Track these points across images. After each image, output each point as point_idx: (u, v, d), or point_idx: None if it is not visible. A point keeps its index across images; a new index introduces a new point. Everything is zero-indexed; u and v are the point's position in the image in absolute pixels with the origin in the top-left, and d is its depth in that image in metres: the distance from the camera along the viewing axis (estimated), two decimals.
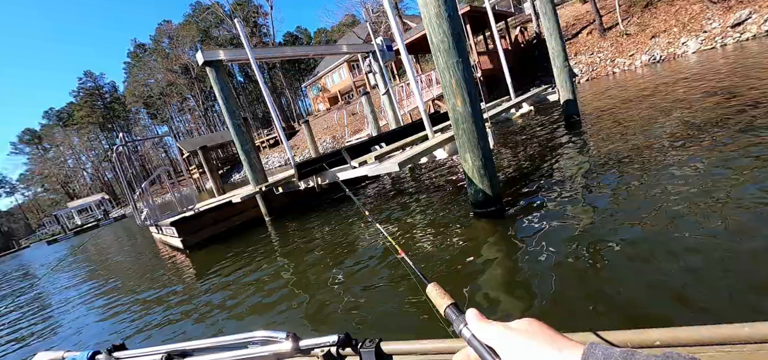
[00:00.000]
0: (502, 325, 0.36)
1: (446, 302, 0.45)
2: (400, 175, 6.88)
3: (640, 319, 1.56)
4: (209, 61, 6.08)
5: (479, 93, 17.99)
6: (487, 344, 0.36)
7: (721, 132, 3.55)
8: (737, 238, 1.87)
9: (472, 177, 3.01)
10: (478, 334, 0.37)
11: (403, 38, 4.34)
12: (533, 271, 2.21)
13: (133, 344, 1.07)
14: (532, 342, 0.32)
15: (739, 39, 12.46)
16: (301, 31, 64.81)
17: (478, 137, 2.88)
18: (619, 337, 0.53)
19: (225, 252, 5.33)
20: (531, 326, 0.34)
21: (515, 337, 0.33)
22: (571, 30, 19.71)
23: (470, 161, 2.96)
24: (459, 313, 0.42)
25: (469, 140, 2.90)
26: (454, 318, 0.42)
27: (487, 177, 2.97)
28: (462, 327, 0.39)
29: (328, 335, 0.70)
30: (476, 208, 3.17)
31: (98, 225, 38.88)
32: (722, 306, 1.49)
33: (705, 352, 0.49)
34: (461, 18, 13.44)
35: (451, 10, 2.69)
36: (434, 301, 0.47)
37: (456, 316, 0.42)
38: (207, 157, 11.32)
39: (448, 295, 0.46)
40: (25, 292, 8.42)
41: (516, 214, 3.11)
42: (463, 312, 0.41)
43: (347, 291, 2.68)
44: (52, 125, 67.14)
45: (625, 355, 0.27)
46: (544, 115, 8.79)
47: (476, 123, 2.86)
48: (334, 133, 27.12)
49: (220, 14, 46.52)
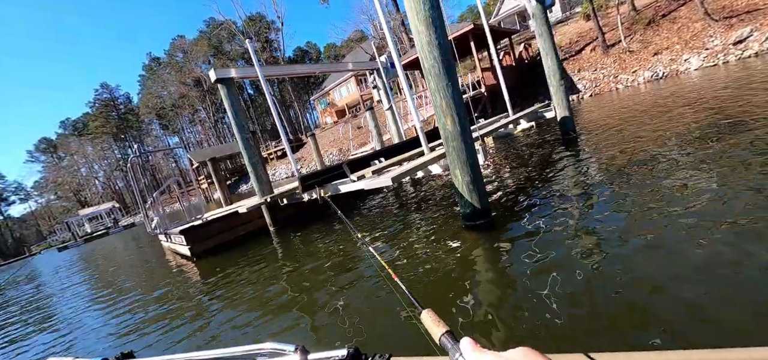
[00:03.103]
0: (497, 356, 0.35)
1: (441, 330, 0.45)
2: (404, 187, 7.09)
3: (621, 331, 1.60)
4: (221, 79, 6.44)
5: (484, 108, 18.24)
6: None
7: (716, 148, 3.62)
8: (736, 262, 1.84)
9: (462, 192, 3.20)
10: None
11: (400, 60, 4.62)
12: (516, 282, 2.35)
13: (141, 353, 1.06)
14: None
15: (741, 56, 12.55)
16: (310, 47, 66.49)
17: (467, 154, 3.08)
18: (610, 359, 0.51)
19: (231, 260, 5.53)
20: (525, 356, 0.33)
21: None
22: (575, 46, 19.99)
23: (460, 177, 3.16)
24: (454, 341, 0.42)
25: (458, 157, 3.10)
26: (450, 347, 0.42)
27: (476, 192, 3.16)
28: (457, 356, 0.40)
29: (336, 349, 0.68)
30: (466, 221, 3.34)
31: (108, 233, 39.60)
32: (718, 328, 1.50)
33: None
34: (466, 34, 13.63)
35: (441, 38, 2.94)
36: (429, 328, 0.48)
37: (451, 345, 0.42)
38: (216, 168, 11.68)
39: (442, 323, 0.47)
40: (34, 298, 8.69)
41: (504, 227, 3.27)
42: (457, 340, 0.42)
43: (350, 304, 2.70)
44: (68, 135, 69.37)
45: None
46: (545, 130, 8.97)
47: (465, 141, 3.07)
48: (340, 145, 27.58)
49: (232, 30, 48.19)
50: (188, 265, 6.38)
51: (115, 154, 69.79)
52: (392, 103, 9.26)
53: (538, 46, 6.51)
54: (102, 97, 68.99)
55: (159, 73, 61.11)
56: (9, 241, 60.28)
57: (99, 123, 66.30)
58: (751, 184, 2.68)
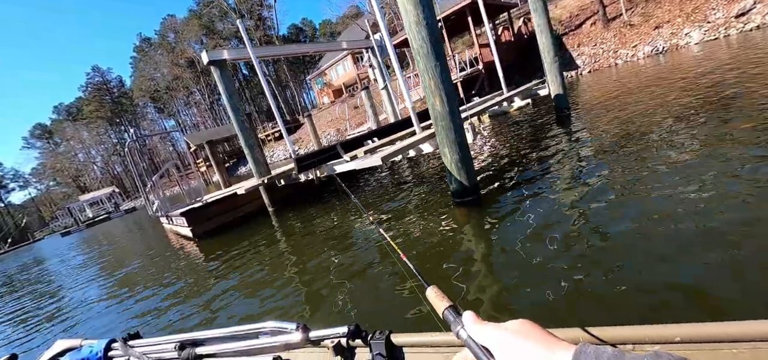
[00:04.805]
0: (497, 326, 0.38)
1: (445, 305, 0.47)
2: (400, 165, 7.19)
3: (600, 304, 1.67)
4: (214, 61, 6.40)
5: (482, 85, 18.06)
6: (483, 345, 0.38)
7: (708, 125, 3.65)
8: (724, 241, 1.85)
9: (451, 170, 3.30)
10: (474, 336, 0.39)
11: (390, 40, 4.61)
12: (501, 255, 2.50)
13: (147, 333, 1.11)
14: (525, 342, 0.33)
15: (742, 29, 12.36)
16: (306, 24, 64.79)
17: (456, 133, 3.17)
18: (610, 334, 0.53)
19: (231, 240, 5.70)
20: (523, 327, 0.36)
21: (509, 337, 0.35)
22: (575, 20, 19.57)
23: (449, 155, 3.26)
24: (457, 315, 0.44)
25: (447, 136, 3.19)
26: (452, 320, 0.44)
27: (464, 169, 3.27)
28: (459, 328, 0.41)
29: (337, 326, 0.70)
30: (455, 198, 3.47)
31: (109, 217, 39.94)
32: (698, 296, 1.52)
33: (698, 349, 0.48)
34: (463, 8, 13.32)
35: (429, 18, 2.96)
36: (433, 303, 0.50)
37: (454, 318, 0.44)
38: (213, 151, 11.71)
39: (446, 298, 0.48)
40: (41, 282, 8.92)
41: (492, 202, 3.40)
42: (460, 314, 0.44)
43: (348, 282, 2.77)
44: (62, 120, 68.61)
45: (616, 355, 0.28)
46: (541, 107, 8.98)
47: (453, 120, 3.14)
48: (338, 125, 27.44)
49: (224, 7, 46.77)
50: (190, 246, 6.56)
51: (111, 138, 69.28)
52: (387, 83, 9.21)
53: (533, 22, 6.44)
54: (94, 80, 67.76)
55: (151, 55, 59.77)
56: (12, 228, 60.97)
57: (93, 107, 65.45)
58: (740, 171, 2.78)
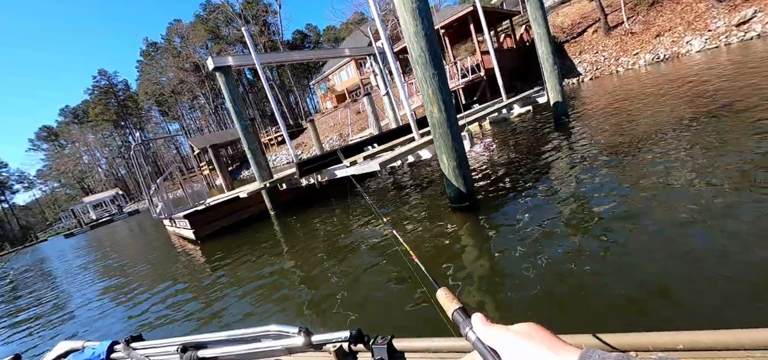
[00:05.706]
0: (505, 328, 0.38)
1: (454, 306, 0.47)
2: (401, 170, 7.27)
3: (595, 308, 1.72)
4: (219, 67, 6.55)
5: (483, 92, 18.17)
6: (491, 346, 0.38)
7: (702, 132, 3.71)
8: (722, 247, 1.86)
9: (448, 176, 3.38)
10: (483, 337, 0.39)
11: (391, 47, 4.71)
12: (497, 257, 2.57)
13: (149, 335, 1.13)
14: (532, 345, 0.34)
15: (743, 38, 12.42)
16: (310, 29, 65.39)
17: (453, 140, 3.25)
18: (615, 340, 0.53)
19: (234, 243, 5.77)
20: (531, 329, 0.36)
21: (516, 340, 0.35)
22: (577, 28, 19.70)
23: (446, 162, 3.34)
24: (465, 317, 0.44)
25: (444, 143, 3.27)
26: (461, 321, 0.44)
27: (461, 176, 3.34)
28: (468, 330, 0.42)
29: (340, 331, 0.70)
30: (452, 203, 3.54)
31: (113, 219, 40.13)
32: (695, 306, 1.54)
33: (701, 357, 0.48)
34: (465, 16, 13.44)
35: (428, 29, 3.05)
36: (443, 304, 0.50)
37: (462, 320, 0.44)
38: (217, 154, 11.87)
39: (456, 300, 0.48)
40: (44, 285, 8.99)
41: (488, 208, 3.46)
42: (469, 316, 0.44)
43: (350, 285, 2.79)
44: (68, 123, 69.43)
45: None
46: (541, 114, 9.05)
47: (451, 128, 3.23)
48: (341, 130, 27.62)
49: (229, 13, 47.37)
50: (193, 248, 6.64)
51: (116, 141, 69.96)
52: (389, 89, 9.32)
53: (533, 31, 6.54)
54: (100, 84, 68.63)
55: (157, 59, 60.54)
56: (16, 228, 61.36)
57: (99, 110, 66.20)
58: (738, 180, 2.84)
